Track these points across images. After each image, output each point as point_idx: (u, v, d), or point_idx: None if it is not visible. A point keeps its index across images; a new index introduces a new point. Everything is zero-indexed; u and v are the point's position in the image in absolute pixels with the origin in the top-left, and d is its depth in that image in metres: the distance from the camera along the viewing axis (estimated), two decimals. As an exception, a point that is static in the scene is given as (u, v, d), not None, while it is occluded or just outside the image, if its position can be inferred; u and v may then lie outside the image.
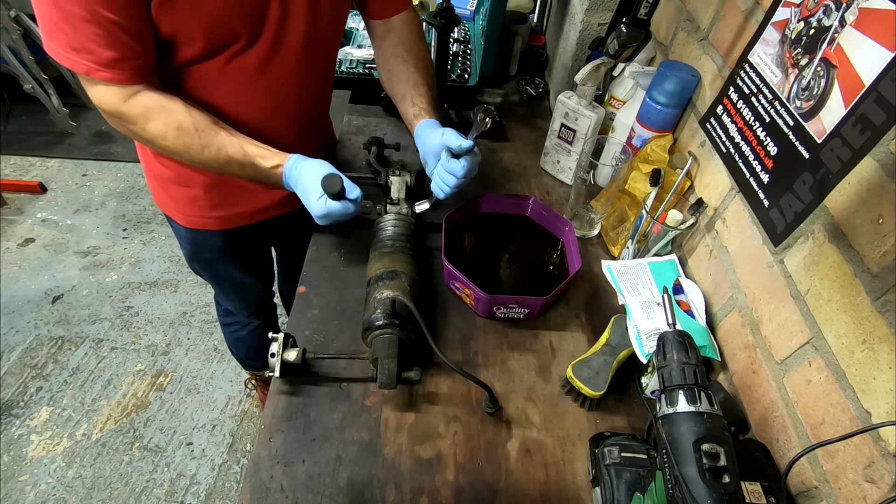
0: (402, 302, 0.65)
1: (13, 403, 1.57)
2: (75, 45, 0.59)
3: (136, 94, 0.65)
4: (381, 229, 0.77)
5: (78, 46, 0.59)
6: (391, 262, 0.71)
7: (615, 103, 0.94)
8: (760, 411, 0.62)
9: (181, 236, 0.98)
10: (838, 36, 0.51)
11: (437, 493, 0.59)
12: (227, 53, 0.68)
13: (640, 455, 0.56)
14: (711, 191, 0.74)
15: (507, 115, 1.18)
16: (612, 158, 0.87)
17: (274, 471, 0.59)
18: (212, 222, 0.91)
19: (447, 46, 0.97)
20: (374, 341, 0.65)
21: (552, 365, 0.72)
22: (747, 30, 0.68)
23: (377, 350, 0.63)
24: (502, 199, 0.89)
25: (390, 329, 0.64)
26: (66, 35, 0.59)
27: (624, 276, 0.73)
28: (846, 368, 0.49)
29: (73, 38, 0.59)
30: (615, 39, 0.74)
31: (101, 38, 0.59)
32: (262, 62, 0.71)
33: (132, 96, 0.65)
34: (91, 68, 0.61)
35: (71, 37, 0.59)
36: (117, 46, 0.60)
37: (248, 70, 0.71)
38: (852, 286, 0.49)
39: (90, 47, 0.59)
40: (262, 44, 0.69)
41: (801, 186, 0.55)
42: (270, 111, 0.78)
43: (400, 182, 0.84)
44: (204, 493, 1.43)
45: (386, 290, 0.67)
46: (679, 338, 0.46)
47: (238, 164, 0.70)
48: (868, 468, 0.46)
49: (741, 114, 0.66)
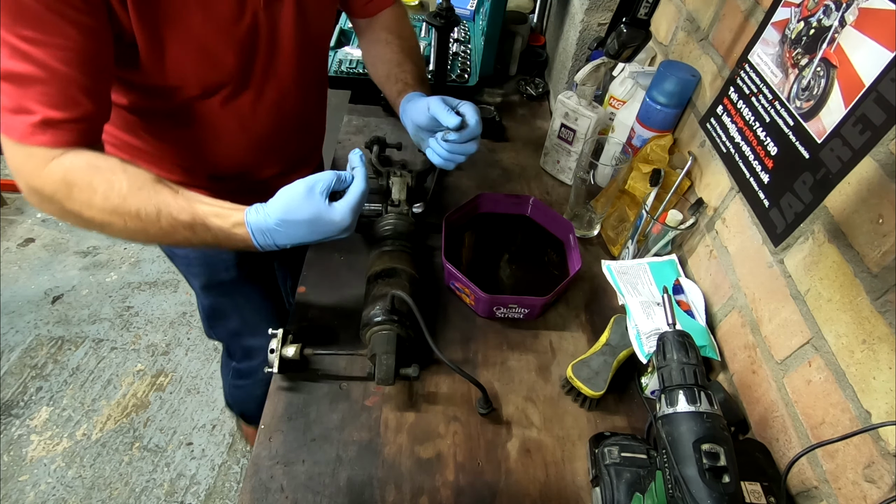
0: (401, 297, 0.64)
1: (13, 403, 1.57)
2: (15, 107, 0.50)
3: (60, 157, 0.53)
4: (381, 229, 0.77)
5: (18, 108, 0.50)
6: (391, 260, 0.71)
7: (615, 103, 0.94)
8: (760, 411, 0.62)
9: (192, 264, 0.91)
10: (838, 36, 0.51)
11: (437, 493, 0.59)
12: (223, 94, 0.66)
13: (640, 455, 0.56)
14: (711, 191, 0.74)
15: (507, 115, 1.18)
16: (612, 158, 0.87)
17: (274, 471, 0.59)
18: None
19: (447, 46, 0.97)
20: (372, 337, 0.65)
21: (552, 365, 0.72)
22: (747, 30, 0.68)
23: (375, 346, 0.63)
24: (502, 199, 0.89)
25: (389, 325, 0.64)
26: (8, 97, 0.50)
27: (624, 276, 0.73)
28: (846, 368, 0.49)
29: (15, 99, 0.50)
30: (615, 39, 0.74)
31: (50, 97, 0.50)
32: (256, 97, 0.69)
33: (54, 159, 0.53)
34: (27, 131, 0.51)
35: (13, 98, 0.50)
36: (69, 106, 0.52)
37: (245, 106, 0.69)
38: (852, 286, 0.49)
39: (32, 107, 0.50)
40: (255, 81, 0.68)
41: (801, 186, 0.55)
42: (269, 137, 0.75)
43: (401, 183, 0.84)
44: (204, 493, 1.43)
45: (385, 286, 0.67)
46: (679, 338, 0.46)
47: (186, 226, 0.56)
48: (868, 468, 0.46)
49: (741, 114, 0.66)
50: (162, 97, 0.64)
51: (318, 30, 0.74)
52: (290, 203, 0.57)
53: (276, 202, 0.58)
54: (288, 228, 0.57)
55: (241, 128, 0.72)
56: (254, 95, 0.69)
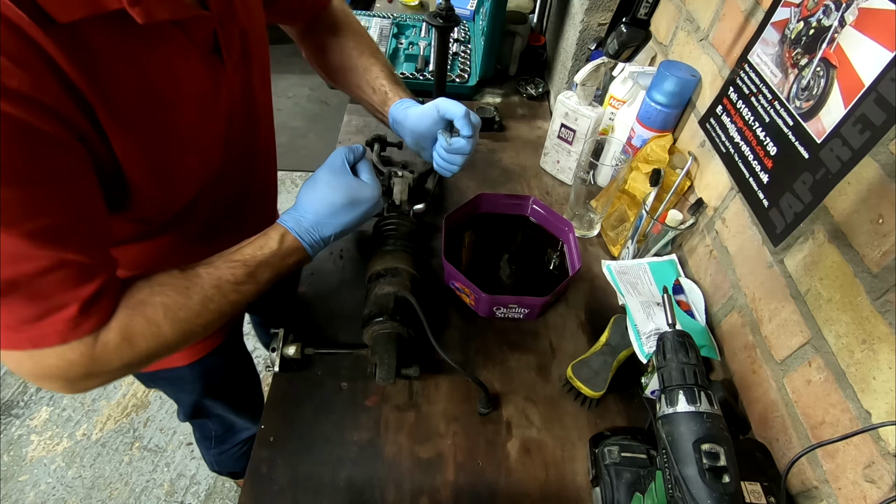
0: (404, 297, 0.65)
1: (13, 403, 1.57)
2: (39, 314, 0.42)
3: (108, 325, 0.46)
4: (382, 229, 0.77)
5: (44, 312, 0.42)
6: (392, 259, 0.71)
7: (615, 103, 0.94)
8: (760, 411, 0.62)
9: (185, 381, 0.84)
10: (838, 36, 0.51)
11: (437, 493, 0.59)
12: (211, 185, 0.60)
13: (640, 455, 0.56)
14: (711, 191, 0.74)
15: (507, 115, 1.18)
16: (612, 158, 0.87)
17: (274, 471, 0.59)
18: (218, 334, 0.81)
19: (447, 46, 0.97)
20: (373, 336, 0.65)
21: (552, 365, 0.72)
22: (747, 30, 0.68)
23: (377, 345, 0.63)
24: (502, 199, 0.89)
25: (390, 324, 0.64)
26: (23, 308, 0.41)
27: (624, 276, 0.73)
28: (846, 368, 0.49)
29: (35, 305, 0.41)
30: (615, 39, 0.74)
31: (72, 277, 0.42)
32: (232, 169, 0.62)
33: (103, 331, 0.46)
34: (66, 328, 0.43)
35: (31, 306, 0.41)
36: (100, 269, 0.45)
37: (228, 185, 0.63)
38: (852, 286, 0.49)
39: (63, 299, 0.42)
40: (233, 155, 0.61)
41: (800, 186, 0.55)
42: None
43: (402, 183, 0.83)
44: (204, 493, 1.43)
45: (387, 286, 0.67)
46: (679, 338, 0.46)
47: (247, 280, 0.54)
48: (868, 468, 0.46)
49: (741, 114, 0.66)
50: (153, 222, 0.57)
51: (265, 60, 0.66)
52: (321, 189, 0.58)
53: (308, 196, 0.59)
54: (331, 217, 0.58)
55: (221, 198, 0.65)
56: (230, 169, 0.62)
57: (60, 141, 0.39)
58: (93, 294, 0.44)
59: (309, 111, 2.78)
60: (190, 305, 0.51)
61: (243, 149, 0.63)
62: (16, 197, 0.37)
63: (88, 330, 0.44)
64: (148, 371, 0.80)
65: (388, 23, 1.36)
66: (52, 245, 0.40)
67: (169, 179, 0.50)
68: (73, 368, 0.45)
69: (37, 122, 0.36)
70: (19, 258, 0.39)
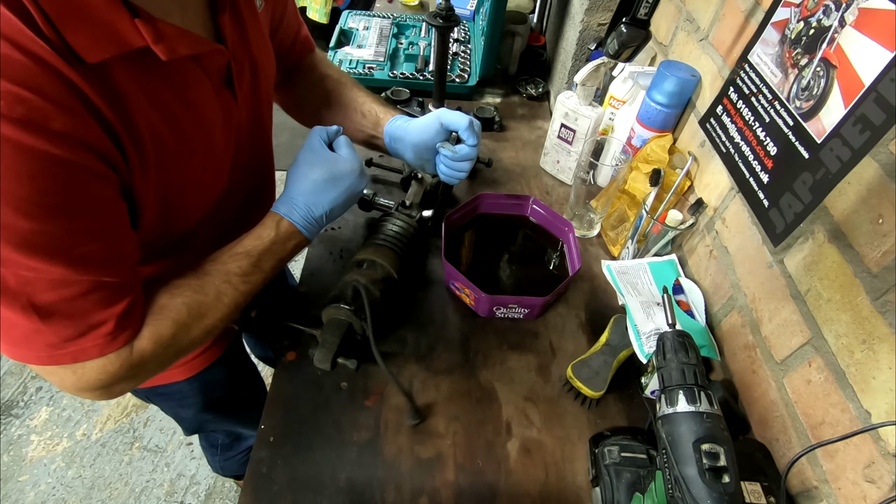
0: (359, 289, 0.64)
1: (13, 403, 1.57)
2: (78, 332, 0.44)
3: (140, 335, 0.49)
4: (381, 224, 0.76)
5: (83, 329, 0.44)
6: (374, 253, 0.70)
7: (615, 103, 0.94)
8: (760, 411, 0.62)
9: (186, 395, 0.84)
10: (838, 36, 0.51)
11: (437, 493, 0.59)
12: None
13: (640, 455, 0.56)
14: (711, 191, 0.74)
15: (507, 115, 1.18)
16: (612, 158, 0.87)
17: (274, 471, 0.59)
18: (218, 345, 0.81)
19: (447, 46, 0.97)
20: (327, 318, 0.65)
21: (552, 365, 0.72)
22: (747, 30, 0.68)
23: (326, 327, 0.64)
24: (502, 199, 0.89)
25: (344, 311, 0.63)
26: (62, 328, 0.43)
27: (624, 276, 0.73)
28: (846, 368, 0.49)
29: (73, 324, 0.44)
30: (615, 39, 0.74)
31: (108, 297, 0.45)
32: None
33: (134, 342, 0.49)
34: (103, 343, 0.46)
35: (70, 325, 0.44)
36: (132, 286, 0.48)
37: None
38: (852, 286, 0.49)
39: (100, 317, 0.45)
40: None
41: (800, 186, 0.55)
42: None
43: (419, 187, 0.83)
44: (204, 493, 1.43)
45: (357, 275, 0.67)
46: (679, 338, 0.46)
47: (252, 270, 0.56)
48: (868, 468, 0.46)
49: (741, 114, 0.66)
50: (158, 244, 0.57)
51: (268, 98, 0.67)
52: (302, 170, 0.60)
53: (292, 179, 0.61)
54: (316, 195, 0.60)
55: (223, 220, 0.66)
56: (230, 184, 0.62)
57: (100, 174, 0.41)
58: (125, 309, 0.47)
59: (309, 111, 2.78)
60: (207, 301, 0.53)
61: (246, 176, 0.65)
62: (62, 229, 0.40)
63: (124, 342, 0.47)
64: (144, 387, 0.79)
65: (388, 23, 1.36)
66: (92, 270, 0.43)
67: (173, 207, 0.52)
68: (113, 378, 0.48)
69: (80, 160, 0.39)
70: (63, 283, 0.42)
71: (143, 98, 0.43)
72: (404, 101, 1.13)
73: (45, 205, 0.38)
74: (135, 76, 0.42)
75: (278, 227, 0.59)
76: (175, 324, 0.51)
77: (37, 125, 0.35)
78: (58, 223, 0.39)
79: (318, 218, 0.61)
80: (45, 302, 0.41)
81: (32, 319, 0.41)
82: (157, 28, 0.41)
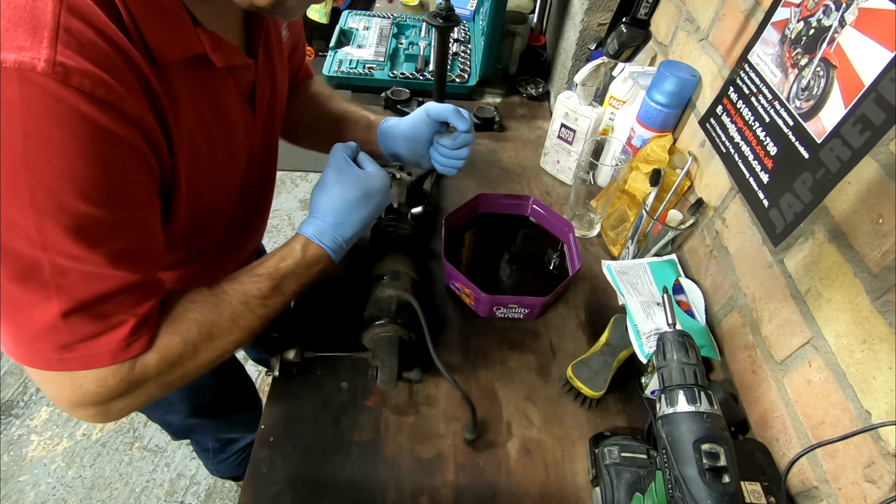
0: (406, 300, 0.65)
1: (13, 403, 1.57)
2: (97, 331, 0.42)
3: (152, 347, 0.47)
4: (381, 231, 0.77)
5: (102, 329, 0.42)
6: (393, 262, 0.70)
7: (615, 103, 0.94)
8: (760, 411, 0.62)
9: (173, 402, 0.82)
10: (838, 36, 0.51)
11: (437, 493, 0.59)
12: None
13: (640, 455, 0.56)
14: (711, 191, 0.74)
15: (507, 115, 1.18)
16: (612, 158, 0.87)
17: (274, 471, 0.59)
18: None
19: (447, 46, 0.97)
20: (375, 339, 0.65)
21: (552, 365, 0.72)
22: (747, 30, 0.68)
23: (378, 348, 0.63)
24: (502, 200, 0.89)
25: (392, 327, 0.64)
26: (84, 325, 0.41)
27: (624, 276, 0.73)
28: (846, 368, 0.49)
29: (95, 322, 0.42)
30: (615, 39, 0.74)
31: (134, 296, 0.44)
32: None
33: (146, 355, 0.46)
34: (118, 348, 0.43)
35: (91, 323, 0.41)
36: (156, 288, 0.46)
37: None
38: (852, 286, 0.49)
39: (123, 317, 0.43)
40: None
41: (800, 186, 0.55)
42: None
43: (400, 187, 0.83)
44: (204, 493, 1.43)
45: (388, 288, 0.67)
46: (679, 338, 0.46)
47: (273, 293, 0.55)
48: (868, 468, 0.46)
49: (741, 114, 0.66)
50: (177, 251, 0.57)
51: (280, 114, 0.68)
52: (333, 190, 0.59)
53: (322, 200, 0.60)
54: (349, 215, 0.59)
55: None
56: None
57: (150, 168, 0.42)
58: (147, 313, 0.45)
59: (309, 111, 2.78)
60: (220, 322, 0.50)
61: (253, 193, 0.66)
62: (113, 217, 0.39)
63: (138, 350, 0.45)
64: None
65: (388, 23, 1.36)
66: (126, 265, 0.42)
67: (196, 214, 0.52)
68: (111, 393, 0.45)
69: (142, 149, 0.40)
70: (97, 277, 0.40)
71: (188, 101, 0.45)
72: (404, 101, 1.13)
73: (106, 189, 0.38)
74: (186, 81, 0.44)
75: (305, 249, 0.57)
76: (184, 341, 0.48)
77: (115, 108, 0.36)
78: (111, 211, 0.39)
79: (348, 240, 0.60)
80: (73, 296, 0.39)
81: (53, 315, 0.39)
82: (214, 38, 0.45)
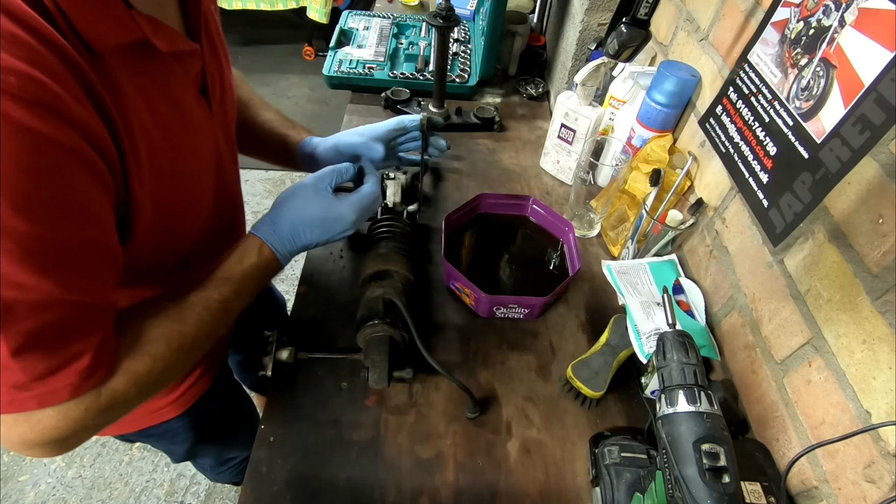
0: (391, 300, 0.64)
1: (13, 403, 1.57)
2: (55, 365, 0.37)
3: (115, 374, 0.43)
4: (375, 231, 0.76)
5: (60, 363, 0.38)
6: (384, 262, 0.70)
7: (615, 103, 0.94)
8: (760, 411, 0.62)
9: (177, 432, 0.79)
10: (838, 36, 0.51)
11: (437, 493, 0.59)
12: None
13: (640, 455, 0.56)
14: (711, 191, 0.74)
15: (507, 115, 1.18)
16: (612, 158, 0.87)
17: (274, 471, 0.59)
18: (208, 376, 0.76)
19: (447, 46, 0.97)
20: (365, 340, 0.65)
21: (552, 365, 0.72)
22: (747, 30, 0.68)
23: (369, 348, 0.63)
24: (502, 199, 0.89)
25: (381, 327, 0.63)
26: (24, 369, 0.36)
27: (624, 276, 0.73)
28: (846, 368, 0.49)
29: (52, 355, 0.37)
30: (615, 39, 0.74)
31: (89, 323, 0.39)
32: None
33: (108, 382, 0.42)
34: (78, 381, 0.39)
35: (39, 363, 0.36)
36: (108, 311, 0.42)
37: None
38: (852, 286, 0.49)
39: (71, 350, 0.38)
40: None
41: (800, 186, 0.55)
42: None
43: (395, 185, 0.83)
44: (204, 493, 1.43)
45: (377, 288, 0.67)
46: (679, 338, 0.46)
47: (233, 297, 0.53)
48: (868, 468, 0.46)
49: (740, 114, 0.66)
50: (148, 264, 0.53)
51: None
52: (300, 203, 0.59)
53: (285, 207, 0.59)
54: (305, 231, 0.59)
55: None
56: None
57: (101, 177, 0.37)
58: (103, 340, 0.40)
59: (308, 111, 2.79)
60: (187, 331, 0.48)
61: (227, 199, 0.62)
62: (61, 234, 0.34)
63: (99, 379, 0.41)
64: (133, 432, 0.74)
65: (388, 23, 1.36)
66: (79, 288, 0.37)
67: (169, 221, 0.48)
68: (75, 426, 0.40)
69: (87, 156, 0.35)
70: (48, 306, 0.36)
71: (138, 96, 0.41)
72: (404, 101, 1.13)
73: (48, 204, 0.33)
74: (130, 72, 0.40)
75: (261, 252, 0.56)
76: (152, 359, 0.45)
77: (50, 109, 0.31)
78: (57, 227, 0.34)
79: (297, 249, 0.60)
80: (22, 332, 0.34)
81: (3, 355, 0.34)
82: (152, 21, 0.40)
